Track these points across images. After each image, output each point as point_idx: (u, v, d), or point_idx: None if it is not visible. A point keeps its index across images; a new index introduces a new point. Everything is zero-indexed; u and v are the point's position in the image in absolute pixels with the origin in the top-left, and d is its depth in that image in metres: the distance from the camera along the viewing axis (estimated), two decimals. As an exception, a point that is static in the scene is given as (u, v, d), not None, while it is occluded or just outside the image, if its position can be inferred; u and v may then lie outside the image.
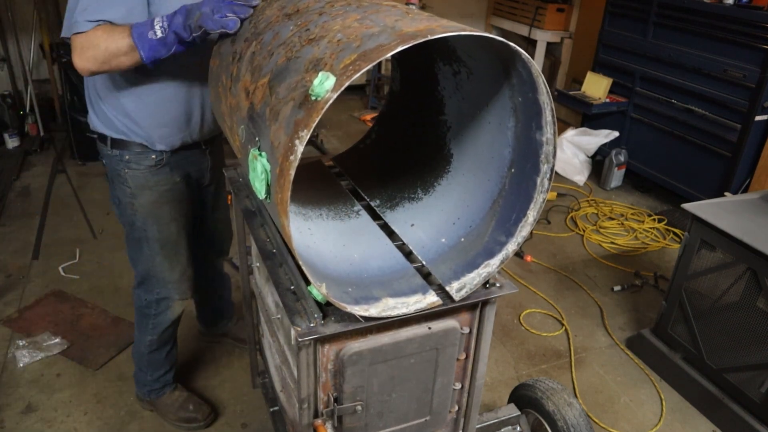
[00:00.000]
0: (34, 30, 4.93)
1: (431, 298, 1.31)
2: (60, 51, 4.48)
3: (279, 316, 1.54)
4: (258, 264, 1.79)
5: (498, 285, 1.38)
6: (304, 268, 1.14)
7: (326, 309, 1.27)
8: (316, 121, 1.00)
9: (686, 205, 2.50)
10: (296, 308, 1.27)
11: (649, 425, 2.50)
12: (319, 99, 1.02)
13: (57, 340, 2.72)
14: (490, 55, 1.32)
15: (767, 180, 3.83)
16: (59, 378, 2.55)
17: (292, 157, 1.03)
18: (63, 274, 3.25)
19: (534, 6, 5.80)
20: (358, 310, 1.22)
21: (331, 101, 1.00)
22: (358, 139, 1.97)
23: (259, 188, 1.19)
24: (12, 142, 4.77)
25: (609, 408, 2.57)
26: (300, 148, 1.02)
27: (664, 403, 2.59)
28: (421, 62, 1.67)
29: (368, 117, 5.91)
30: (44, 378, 2.55)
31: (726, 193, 2.99)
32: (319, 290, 1.18)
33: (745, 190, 3.94)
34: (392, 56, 1.02)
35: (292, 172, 1.03)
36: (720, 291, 2.50)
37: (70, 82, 4.46)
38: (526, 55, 1.11)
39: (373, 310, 1.24)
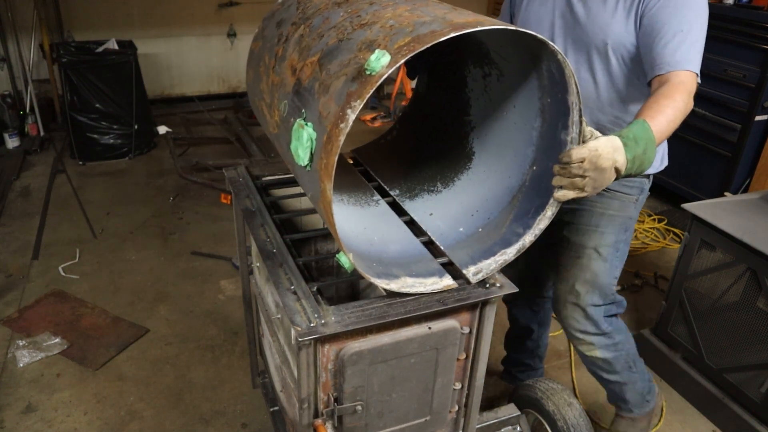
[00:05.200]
0: (34, 30, 4.93)
1: (447, 281, 1.34)
2: (60, 51, 4.46)
3: (279, 316, 1.55)
4: (258, 264, 1.79)
5: (498, 285, 1.38)
6: (338, 232, 1.18)
7: (326, 309, 1.27)
8: (371, 93, 1.08)
9: (686, 205, 2.50)
10: (296, 308, 1.27)
11: (649, 425, 2.49)
12: (374, 74, 1.09)
13: (57, 340, 2.72)
14: (523, 57, 1.35)
15: (767, 180, 3.83)
16: (59, 378, 2.55)
17: (342, 125, 1.10)
18: (63, 274, 3.25)
19: (534, 6, 5.79)
20: (380, 283, 1.26)
21: (384, 77, 1.08)
22: (370, 138, 2.01)
23: (303, 155, 1.23)
24: (12, 142, 4.77)
25: (609, 408, 2.57)
26: (352, 116, 1.09)
27: (664, 403, 2.59)
28: (451, 64, 1.70)
29: (368, 117, 5.91)
30: (44, 378, 2.55)
31: (726, 193, 2.99)
32: (347, 257, 1.22)
33: (745, 190, 3.94)
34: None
35: (342, 138, 1.09)
36: (720, 291, 2.50)
37: (70, 82, 4.45)
38: (562, 54, 1.13)
39: (394, 285, 1.28)
